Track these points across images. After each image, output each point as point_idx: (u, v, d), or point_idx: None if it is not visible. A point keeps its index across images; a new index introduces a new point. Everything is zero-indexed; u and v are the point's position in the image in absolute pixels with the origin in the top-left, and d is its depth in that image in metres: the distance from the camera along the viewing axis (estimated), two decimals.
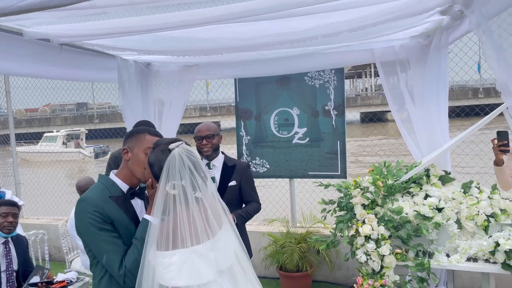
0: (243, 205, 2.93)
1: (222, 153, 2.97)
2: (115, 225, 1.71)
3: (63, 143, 25.41)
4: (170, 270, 1.53)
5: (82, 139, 26.15)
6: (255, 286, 1.75)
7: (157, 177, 1.65)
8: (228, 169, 2.89)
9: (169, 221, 1.55)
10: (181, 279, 1.53)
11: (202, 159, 2.86)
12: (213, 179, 2.82)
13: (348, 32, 2.68)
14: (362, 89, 47.73)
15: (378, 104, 33.91)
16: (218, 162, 2.90)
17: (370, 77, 44.50)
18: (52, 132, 26.39)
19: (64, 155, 22.62)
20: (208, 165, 2.87)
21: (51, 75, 3.34)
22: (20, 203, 3.89)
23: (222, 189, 2.81)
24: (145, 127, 1.92)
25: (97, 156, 23.71)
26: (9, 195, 4.26)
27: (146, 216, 1.72)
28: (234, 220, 2.66)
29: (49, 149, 23.00)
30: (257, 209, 2.94)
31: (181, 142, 1.67)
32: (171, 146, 1.63)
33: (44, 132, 35.37)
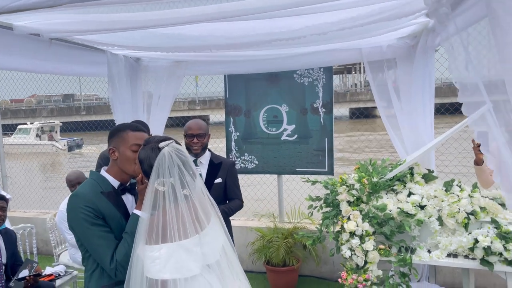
0: (227, 202, 2.99)
1: (209, 150, 3.01)
2: (107, 220, 1.76)
3: (37, 135, 25.25)
4: (157, 264, 1.58)
5: (56, 132, 26.03)
6: (241, 280, 1.81)
7: (146, 174, 1.70)
8: (215, 166, 2.94)
9: (158, 216, 1.60)
10: (166, 272, 1.58)
11: (196, 155, 2.91)
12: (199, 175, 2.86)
13: (336, 32, 2.73)
14: (351, 84, 47.98)
15: (367, 100, 34.20)
16: (205, 159, 2.95)
17: (360, 72, 44.75)
18: (26, 124, 26.15)
19: (37, 147, 22.57)
20: (195, 162, 2.91)
21: (41, 69, 3.34)
22: (7, 196, 3.88)
23: (208, 186, 2.83)
24: (127, 123, 1.96)
25: (70, 149, 23.75)
26: None
27: (136, 211, 1.77)
28: None
29: (22, 142, 22.84)
30: (240, 206, 2.99)
31: (171, 141, 1.71)
32: (161, 144, 1.68)
33: (30, 123, 34.88)
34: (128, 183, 1.92)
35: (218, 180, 2.91)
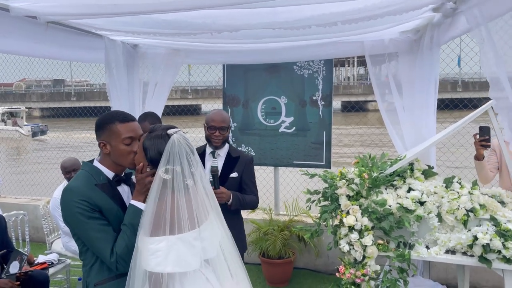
0: None
1: (227, 142, 2.93)
2: (104, 213, 1.70)
3: (2, 120, 25.26)
4: (157, 256, 1.54)
5: (22, 118, 25.98)
6: (239, 277, 1.77)
7: (152, 162, 1.64)
8: (232, 160, 2.85)
9: (159, 207, 1.56)
10: (167, 266, 1.54)
11: (208, 147, 2.84)
12: (215, 168, 2.73)
13: (341, 24, 2.69)
14: (344, 78, 48.05)
15: (360, 93, 34.31)
16: (223, 152, 2.86)
17: (353, 66, 44.80)
18: None
19: (1, 132, 22.54)
20: (213, 153, 2.83)
21: (37, 53, 3.25)
22: None
23: (223, 180, 2.77)
24: (113, 112, 1.85)
25: (34, 135, 23.78)
26: None
27: (133, 202, 1.72)
28: (229, 199, 2.65)
29: None
30: (255, 202, 2.91)
31: (178, 129, 1.67)
32: (170, 131, 1.64)
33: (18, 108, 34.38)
34: (123, 174, 1.86)
35: (234, 175, 2.82)
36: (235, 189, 2.82)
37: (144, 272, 1.55)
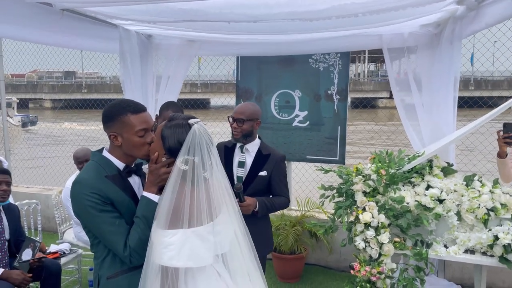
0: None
1: (259, 138, 2.78)
2: (115, 205, 1.65)
3: None
4: (170, 250, 1.49)
5: (13, 108, 26.26)
6: (251, 274, 1.72)
7: (170, 151, 1.60)
8: (262, 157, 2.69)
9: (178, 198, 1.52)
10: (179, 260, 1.50)
11: (236, 140, 2.69)
12: (243, 163, 2.67)
13: (362, 15, 2.62)
14: (354, 74, 47.67)
15: (370, 90, 34.04)
16: (253, 147, 2.71)
17: (364, 63, 44.41)
18: None
19: None
20: (241, 148, 2.72)
21: (51, 41, 3.22)
22: (4, 164, 3.81)
23: (251, 178, 2.65)
24: (123, 102, 1.76)
25: (24, 125, 24.05)
26: None
27: (146, 193, 1.67)
28: (255, 207, 2.55)
29: None
30: (285, 203, 2.78)
31: (199, 119, 1.62)
32: (191, 121, 1.59)
33: (30, 99, 34.69)
34: (133, 164, 1.80)
35: (263, 173, 2.66)
36: (264, 188, 2.70)
37: (157, 266, 1.51)
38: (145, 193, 1.67)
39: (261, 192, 2.68)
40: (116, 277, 1.67)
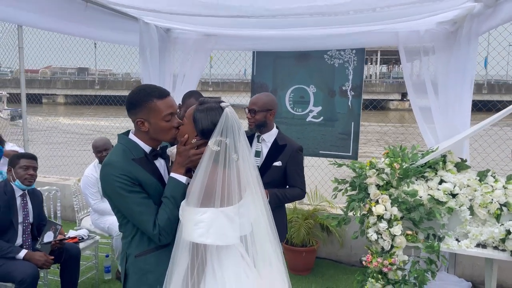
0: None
1: (277, 128, 2.83)
2: (144, 187, 1.71)
3: None
4: (200, 227, 1.55)
5: (3, 102, 26.53)
6: (272, 258, 1.76)
7: (203, 133, 1.66)
8: (278, 147, 2.71)
9: (211, 178, 1.57)
10: (208, 237, 1.55)
11: (251, 130, 2.74)
12: (259, 153, 2.73)
13: (380, 9, 2.66)
14: (366, 75, 47.46)
15: (381, 92, 33.86)
16: (269, 137, 2.75)
17: (376, 64, 44.16)
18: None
19: None
20: (258, 137, 2.77)
21: (75, 32, 3.32)
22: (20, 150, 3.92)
23: (266, 167, 2.68)
24: (147, 88, 1.79)
25: (13, 119, 24.34)
26: (9, 147, 4.27)
27: (174, 175, 1.72)
28: (267, 197, 2.54)
29: None
30: (299, 195, 2.78)
31: (228, 103, 1.69)
32: (223, 104, 1.66)
33: (44, 94, 35.11)
34: (159, 148, 1.85)
35: (277, 163, 2.68)
36: (278, 179, 2.71)
37: (187, 242, 1.57)
38: (174, 174, 1.73)
39: (276, 182, 2.70)
40: (145, 255, 1.73)
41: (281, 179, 2.75)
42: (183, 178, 1.72)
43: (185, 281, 1.56)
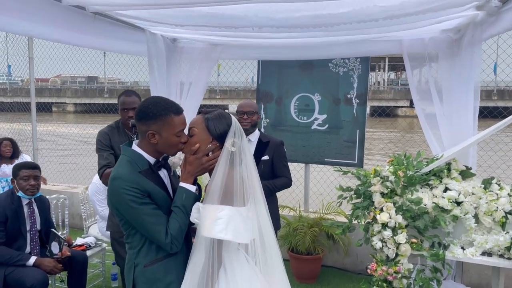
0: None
1: (259, 130, 3.18)
2: (152, 198, 1.73)
3: None
4: (219, 224, 1.60)
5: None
6: (275, 263, 1.78)
7: (221, 137, 1.74)
8: (262, 144, 3.10)
9: (229, 178, 1.64)
10: (227, 234, 1.60)
11: (249, 130, 3.08)
12: None
13: (383, 20, 2.68)
14: (374, 82, 47.37)
15: (390, 98, 33.74)
16: (254, 137, 3.14)
17: (384, 71, 44.08)
18: None
19: None
20: None
21: (85, 43, 3.39)
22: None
23: (256, 163, 2.92)
24: (163, 102, 1.80)
25: None
26: (23, 158, 4.35)
27: (183, 185, 1.77)
28: None
29: None
30: (286, 183, 3.12)
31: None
32: (227, 111, 1.75)
33: (53, 103, 35.51)
34: (161, 158, 1.88)
35: (265, 157, 3.06)
36: (267, 171, 3.06)
37: (205, 240, 1.62)
38: (184, 184, 1.76)
39: (266, 174, 3.03)
40: (153, 265, 1.75)
41: (270, 171, 3.11)
42: (193, 188, 1.76)
43: (201, 278, 1.60)
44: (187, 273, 1.67)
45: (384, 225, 2.83)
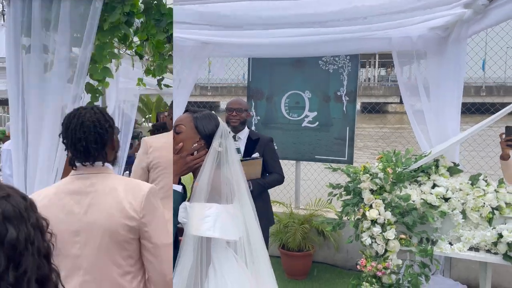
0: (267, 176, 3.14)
1: (248, 127, 3.19)
2: None
3: None
4: (207, 221, 1.60)
5: None
6: (261, 262, 1.79)
7: (209, 137, 1.74)
8: (252, 142, 3.12)
9: (216, 176, 1.66)
10: (215, 231, 1.60)
11: (234, 129, 3.09)
12: (238, 150, 2.99)
13: (371, 18, 2.70)
14: (364, 79, 47.62)
15: (380, 95, 33.96)
16: (243, 135, 3.16)
17: (374, 67, 44.32)
18: None
19: None
20: (234, 137, 3.04)
21: None
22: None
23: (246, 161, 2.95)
24: None
25: None
26: None
27: (174, 186, 1.76)
28: (250, 187, 2.74)
29: None
30: (278, 179, 3.15)
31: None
32: (213, 112, 1.76)
33: None
34: None
35: (255, 155, 3.06)
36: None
37: (193, 238, 1.62)
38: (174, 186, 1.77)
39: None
40: None
41: (262, 168, 3.08)
42: (178, 187, 1.76)
43: (190, 277, 1.60)
44: (176, 272, 1.68)
45: (374, 222, 2.86)
